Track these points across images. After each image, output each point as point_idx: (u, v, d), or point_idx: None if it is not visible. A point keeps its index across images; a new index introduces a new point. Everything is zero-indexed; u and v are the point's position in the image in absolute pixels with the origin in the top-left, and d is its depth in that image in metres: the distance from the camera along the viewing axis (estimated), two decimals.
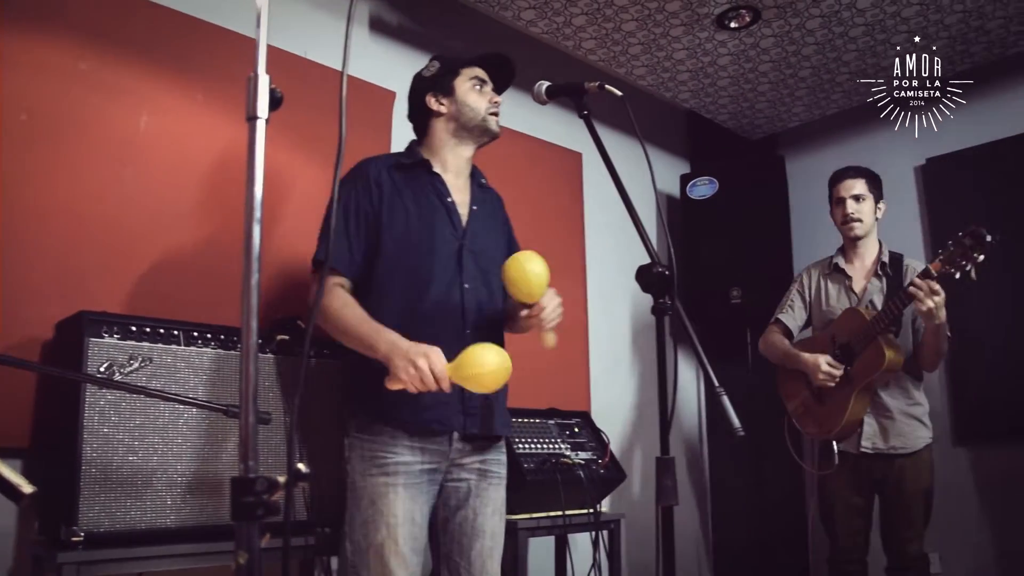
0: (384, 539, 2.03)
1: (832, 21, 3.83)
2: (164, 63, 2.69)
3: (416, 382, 1.91)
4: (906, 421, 3.15)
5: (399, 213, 2.22)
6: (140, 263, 2.54)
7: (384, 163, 2.30)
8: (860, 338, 3.11)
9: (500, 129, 2.36)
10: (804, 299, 3.49)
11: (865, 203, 3.31)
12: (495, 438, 2.29)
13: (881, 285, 3.27)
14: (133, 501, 2.04)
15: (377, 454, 2.09)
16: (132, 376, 2.08)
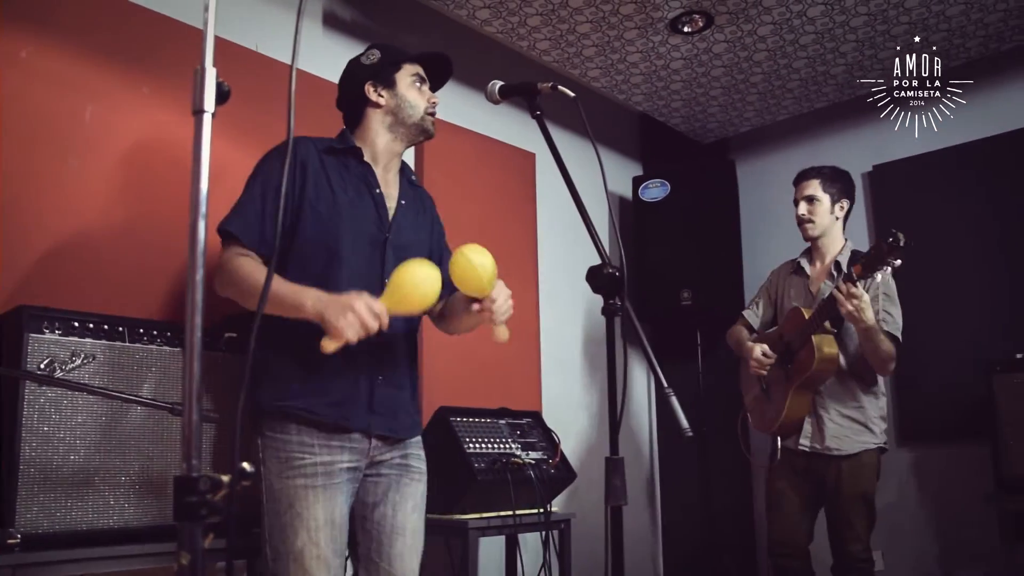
0: (305, 544, 1.96)
1: (783, 28, 3.89)
2: (110, 53, 2.63)
3: (356, 326, 1.84)
4: (845, 423, 3.18)
5: (324, 197, 2.14)
6: (84, 257, 2.48)
7: (315, 144, 2.22)
8: (799, 337, 3.16)
9: (434, 128, 2.33)
10: (769, 297, 3.56)
11: (819, 204, 3.34)
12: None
13: (834, 285, 3.29)
14: (74, 501, 1.99)
15: (293, 455, 2.02)
16: (74, 373, 2.03)
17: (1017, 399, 3.38)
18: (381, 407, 2.12)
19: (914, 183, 4.36)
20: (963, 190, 4.18)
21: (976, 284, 4.01)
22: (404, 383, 2.22)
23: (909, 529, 4.17)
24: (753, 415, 3.46)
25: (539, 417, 3.40)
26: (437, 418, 3.00)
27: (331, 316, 1.86)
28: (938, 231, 4.15)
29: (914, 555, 4.15)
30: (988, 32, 3.95)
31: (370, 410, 2.10)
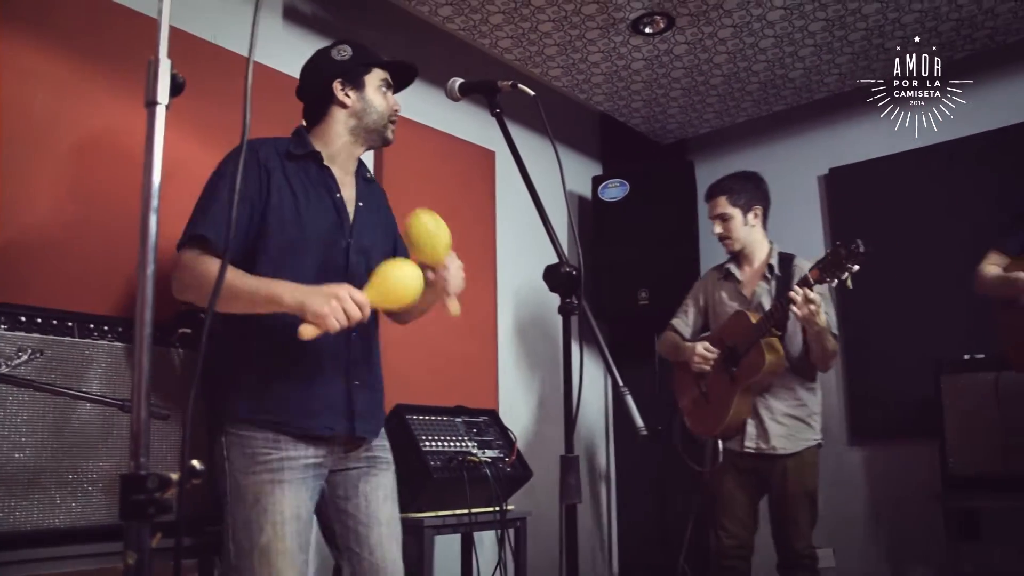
0: (270, 539, 1.94)
1: (743, 32, 3.93)
2: (62, 41, 2.57)
3: (339, 314, 1.84)
4: (789, 423, 3.22)
5: (287, 203, 2.10)
6: (31, 250, 2.42)
7: (275, 147, 2.17)
8: (744, 340, 3.19)
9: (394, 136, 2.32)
10: (698, 305, 3.58)
11: (731, 221, 3.39)
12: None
13: (769, 287, 3.35)
14: (19, 500, 1.95)
15: (259, 450, 2.00)
16: (20, 369, 1.99)
17: (963, 399, 3.45)
18: (361, 410, 2.13)
19: (870, 186, 4.44)
20: (918, 194, 4.26)
21: (929, 286, 4.09)
22: (377, 384, 2.25)
23: (859, 526, 4.25)
24: (692, 418, 3.46)
25: (495, 415, 3.40)
26: (393, 416, 2.99)
27: (314, 304, 1.85)
28: (893, 234, 4.22)
29: (863, 552, 4.22)
30: (942, 41, 4.03)
31: (351, 414, 2.11)
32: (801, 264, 3.38)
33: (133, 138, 2.60)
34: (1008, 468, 3.26)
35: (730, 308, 3.40)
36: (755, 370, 3.15)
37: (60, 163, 2.53)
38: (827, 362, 3.20)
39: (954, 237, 4.02)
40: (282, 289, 1.90)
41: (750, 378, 3.18)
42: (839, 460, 4.35)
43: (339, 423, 2.09)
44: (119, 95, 2.65)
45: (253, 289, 1.92)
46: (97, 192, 2.59)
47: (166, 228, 2.00)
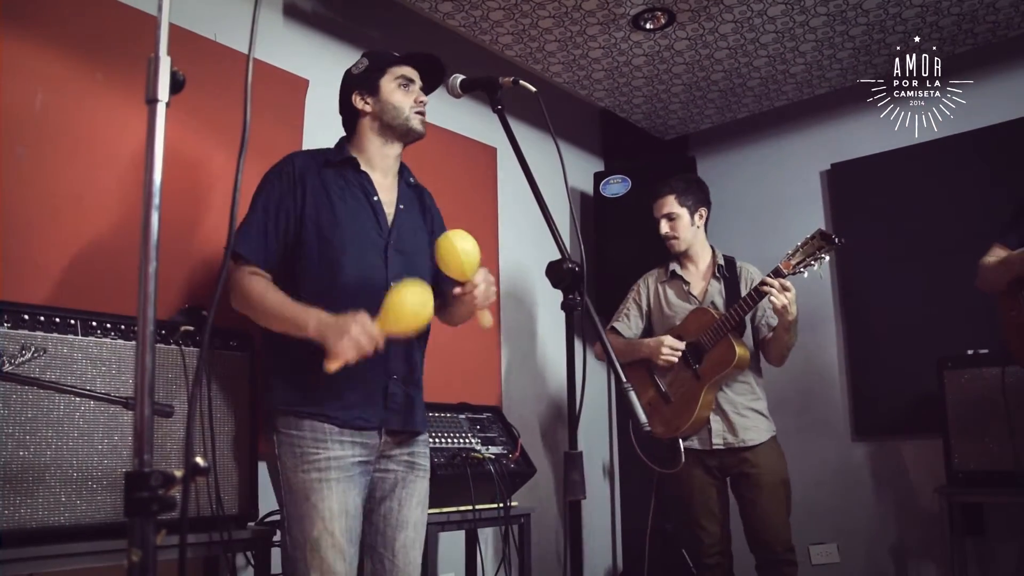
0: (321, 533, 2.06)
1: (744, 27, 3.93)
2: (62, 39, 2.57)
3: (355, 348, 1.93)
4: (751, 415, 3.26)
5: (324, 211, 2.22)
6: (34, 248, 2.42)
7: (312, 159, 2.31)
8: (710, 336, 3.19)
9: (426, 129, 2.37)
10: (640, 307, 3.58)
11: (678, 220, 3.42)
12: (417, 432, 2.33)
13: (720, 286, 3.40)
14: (23, 498, 1.95)
15: (308, 450, 2.11)
16: (24, 367, 1.99)
17: (966, 394, 3.45)
18: (395, 404, 2.22)
19: (872, 182, 4.44)
20: (921, 189, 4.25)
21: (932, 281, 4.08)
22: (418, 379, 2.34)
23: (863, 522, 4.25)
24: (650, 420, 3.34)
25: (499, 412, 3.40)
26: None
27: (329, 339, 1.96)
28: (895, 229, 4.22)
29: (868, 547, 4.22)
30: (943, 35, 4.03)
31: (385, 408, 2.20)
32: (746, 266, 3.46)
33: (134, 136, 2.62)
34: (1016, 463, 3.25)
35: (679, 307, 3.42)
36: (724, 365, 3.17)
37: (61, 161, 2.53)
38: (786, 356, 3.26)
39: (957, 232, 4.02)
40: (309, 319, 2.03)
41: (718, 372, 3.19)
42: (843, 456, 4.35)
43: (375, 415, 2.18)
44: (120, 93, 2.65)
45: (289, 316, 2.08)
46: (98, 190, 2.59)
47: (167, 225, 2.01)
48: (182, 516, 1.13)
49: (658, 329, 3.49)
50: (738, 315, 3.13)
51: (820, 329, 4.48)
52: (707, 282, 3.43)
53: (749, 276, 3.42)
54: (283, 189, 2.22)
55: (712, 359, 3.21)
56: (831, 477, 4.35)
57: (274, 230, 2.19)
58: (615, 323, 3.59)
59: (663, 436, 3.31)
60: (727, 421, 3.25)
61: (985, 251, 3.09)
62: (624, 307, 3.62)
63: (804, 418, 4.44)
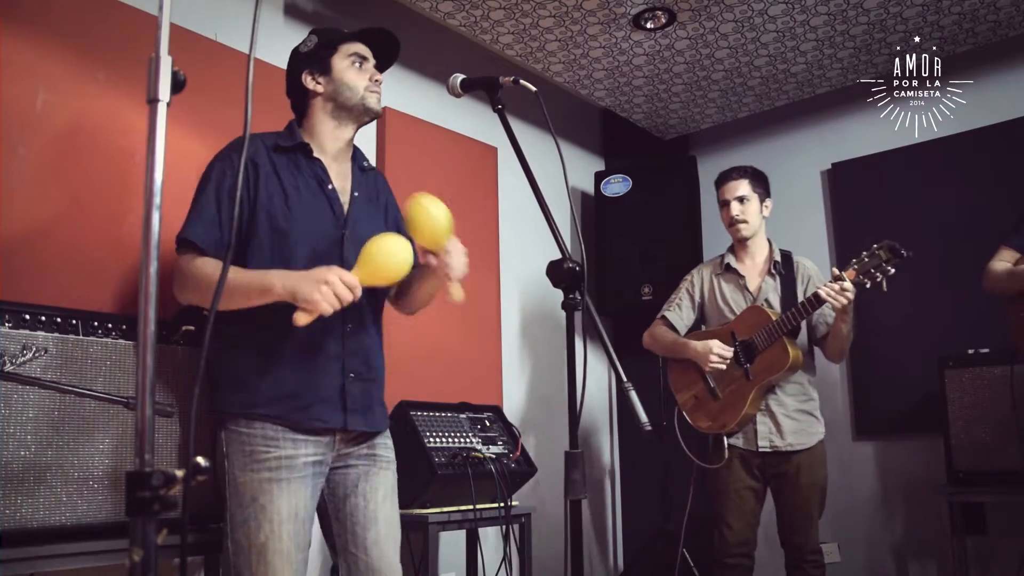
0: (267, 537, 1.94)
1: (744, 26, 3.92)
2: (62, 39, 2.57)
3: (331, 298, 1.85)
4: (802, 418, 3.21)
5: (276, 198, 2.10)
6: (35, 248, 2.43)
7: (263, 142, 2.17)
8: (764, 337, 3.14)
9: (382, 107, 2.27)
10: (692, 299, 3.51)
11: (749, 204, 3.36)
12: (377, 431, 2.23)
13: (775, 284, 3.33)
14: (24, 498, 1.95)
15: (258, 448, 2.00)
16: (25, 367, 1.99)
17: (967, 393, 3.45)
18: (355, 403, 2.11)
19: (873, 181, 4.43)
20: (922, 188, 4.25)
21: (933, 281, 4.08)
22: (375, 376, 2.21)
23: (864, 521, 4.25)
24: (695, 415, 3.36)
25: (500, 411, 3.40)
26: (398, 412, 2.99)
27: (304, 290, 1.86)
28: (896, 229, 4.21)
29: (869, 547, 4.22)
30: (943, 35, 4.02)
31: (343, 408, 2.09)
32: (802, 261, 3.38)
33: (135, 135, 2.62)
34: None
35: (733, 302, 3.37)
36: (778, 367, 3.12)
37: (62, 161, 2.53)
38: (846, 353, 3.21)
39: (958, 232, 4.02)
40: (273, 278, 1.92)
41: (770, 374, 3.14)
42: (844, 454, 4.35)
43: (332, 416, 2.07)
44: (120, 93, 2.65)
45: (247, 282, 1.94)
46: (99, 190, 2.59)
47: (169, 225, 2.01)
48: (183, 515, 1.13)
49: (711, 322, 3.45)
50: (795, 320, 3.07)
51: None
52: (762, 278, 3.35)
53: (806, 273, 3.33)
54: (233, 172, 2.07)
55: (765, 360, 3.15)
56: (832, 476, 4.33)
57: (227, 216, 2.03)
58: (666, 312, 3.51)
59: (708, 431, 3.31)
60: (775, 423, 3.19)
61: (986, 251, 3.09)
62: (676, 296, 3.54)
63: None
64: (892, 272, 2.89)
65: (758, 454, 3.21)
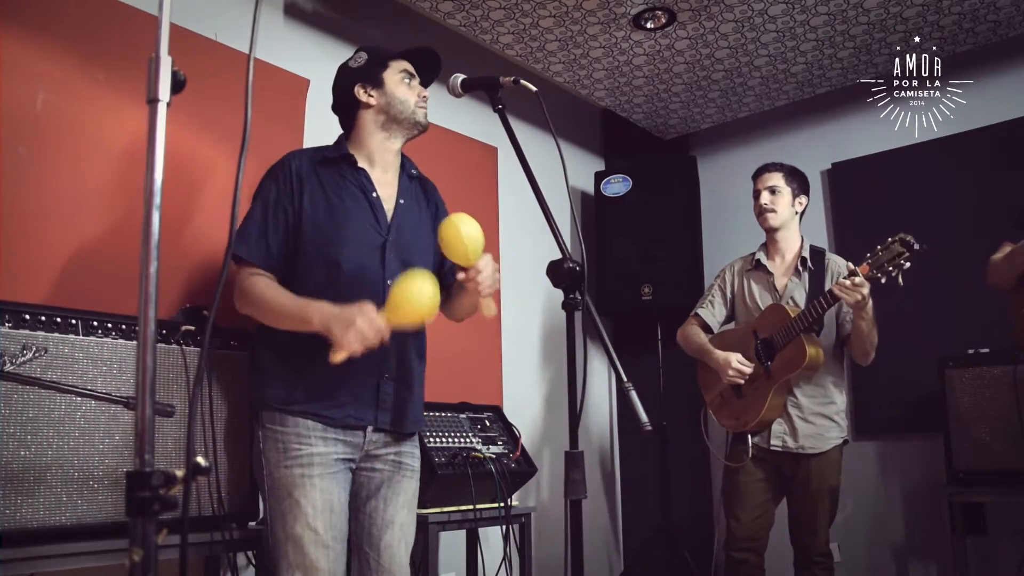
0: (304, 530, 2.04)
1: (745, 26, 3.92)
2: (63, 39, 2.57)
3: (361, 340, 1.91)
4: (819, 421, 3.19)
5: (320, 207, 2.21)
6: (35, 248, 2.42)
7: (308, 157, 2.29)
8: (783, 335, 3.14)
9: (426, 119, 2.37)
10: (724, 295, 3.50)
11: (781, 196, 3.36)
12: (408, 433, 2.31)
13: (802, 282, 3.31)
14: (24, 498, 1.95)
15: (291, 445, 2.10)
16: (25, 367, 1.99)
17: (968, 393, 3.45)
18: (386, 402, 2.21)
19: (873, 181, 4.43)
20: (922, 188, 4.25)
21: (933, 280, 4.08)
22: (411, 379, 2.30)
23: (864, 521, 4.25)
24: (720, 413, 3.38)
25: (500, 411, 3.40)
26: None
27: (335, 331, 1.94)
28: (895, 229, 4.19)
29: (869, 547, 4.22)
30: (943, 35, 4.02)
31: (376, 407, 2.19)
32: (834, 258, 3.36)
33: (135, 136, 2.62)
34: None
35: (761, 300, 3.36)
36: (795, 365, 3.10)
37: (62, 161, 2.53)
38: (871, 353, 3.14)
39: (958, 232, 4.02)
40: (312, 312, 2.01)
41: (788, 372, 3.13)
42: (845, 454, 4.34)
43: (364, 413, 2.17)
44: (120, 93, 2.65)
45: (288, 311, 2.07)
46: (99, 190, 2.59)
47: (168, 225, 2.02)
48: (183, 515, 1.13)
49: (740, 318, 3.45)
50: (810, 317, 3.06)
51: None
52: (789, 277, 3.35)
53: (836, 270, 3.30)
54: (280, 189, 2.20)
55: (784, 358, 3.15)
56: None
57: (274, 231, 2.18)
58: (699, 309, 3.52)
59: (732, 429, 3.32)
60: (790, 424, 3.19)
61: (986, 250, 3.09)
62: (709, 294, 3.55)
63: None
64: (907, 266, 2.86)
65: (771, 452, 3.21)
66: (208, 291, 2.71)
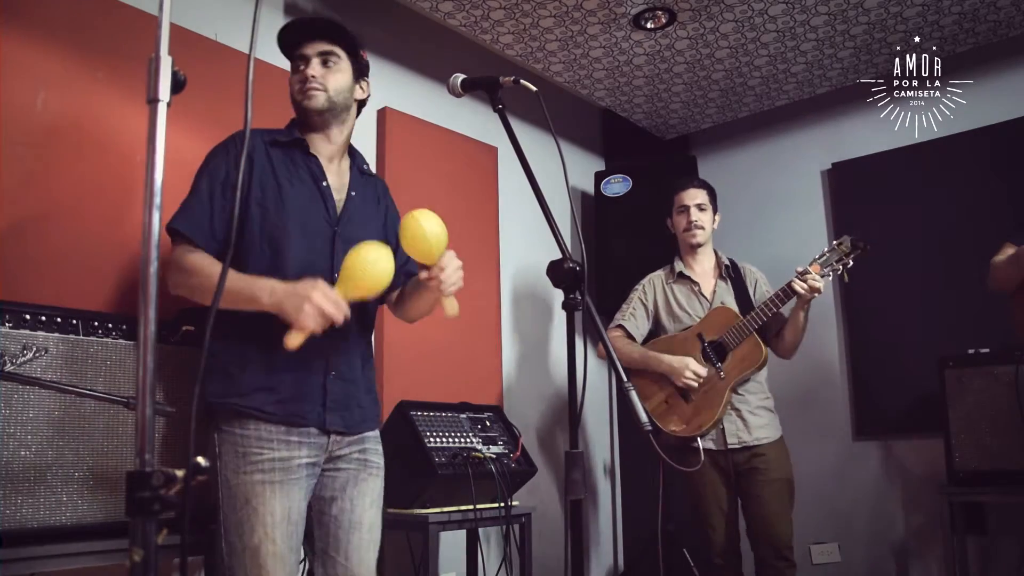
0: (261, 540, 1.93)
1: (745, 26, 3.92)
2: (62, 38, 2.57)
3: (318, 316, 1.84)
4: (764, 414, 3.31)
5: (270, 192, 2.10)
6: (36, 247, 2.43)
7: (261, 137, 2.18)
8: (734, 335, 3.23)
9: (316, 101, 2.18)
10: (646, 308, 3.56)
11: (706, 212, 3.49)
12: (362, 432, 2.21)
13: (728, 287, 3.45)
14: (25, 498, 1.95)
15: (251, 450, 1.98)
16: (25, 367, 1.99)
17: (967, 393, 3.44)
18: (335, 402, 2.10)
19: (873, 181, 4.43)
20: (922, 188, 4.25)
21: (932, 280, 4.08)
22: (357, 377, 2.19)
23: (864, 521, 4.25)
24: (664, 420, 3.33)
25: (500, 411, 3.40)
26: (398, 412, 2.99)
27: (290, 307, 1.85)
28: (895, 228, 4.22)
29: (869, 547, 4.22)
30: (944, 35, 4.02)
31: (324, 405, 2.08)
32: (749, 267, 3.53)
33: (135, 136, 2.62)
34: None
35: (689, 307, 3.44)
36: (750, 362, 3.22)
37: (62, 161, 2.53)
38: (798, 348, 3.33)
39: (958, 231, 4.02)
40: (261, 291, 1.91)
41: (744, 371, 3.23)
42: (845, 455, 4.35)
43: (311, 413, 2.06)
44: (120, 93, 2.65)
45: (236, 289, 1.92)
46: (99, 190, 2.59)
47: None
48: (183, 515, 1.12)
49: (666, 329, 3.48)
50: (766, 314, 3.18)
51: (821, 329, 4.47)
52: (715, 282, 3.47)
53: (754, 276, 3.49)
54: (230, 165, 2.08)
55: (738, 358, 3.23)
56: (832, 476, 4.35)
57: (220, 210, 2.04)
58: (623, 322, 3.54)
59: (682, 434, 3.30)
60: (742, 420, 3.26)
61: (986, 250, 3.09)
62: (629, 306, 3.59)
63: (805, 418, 4.43)
64: (851, 264, 3.14)
65: (727, 452, 3.25)
66: None
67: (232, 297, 1.91)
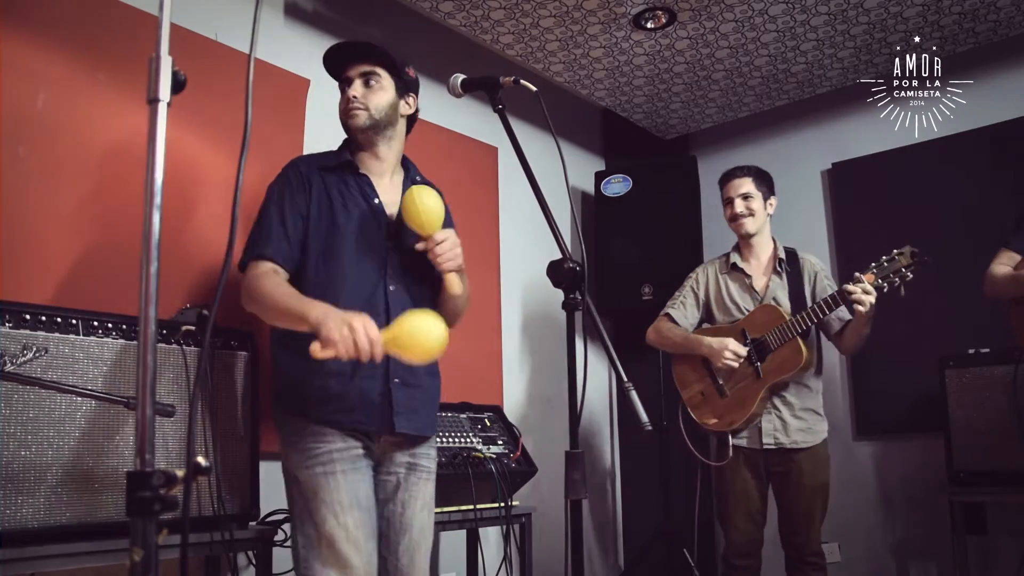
0: (333, 528, 2.04)
1: (745, 26, 3.92)
2: (63, 38, 2.57)
3: (349, 344, 1.86)
4: (807, 416, 3.21)
5: (324, 212, 2.23)
6: (36, 248, 2.42)
7: (312, 163, 2.32)
8: (776, 336, 3.15)
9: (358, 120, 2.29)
10: (697, 297, 3.50)
11: (753, 201, 3.38)
12: (421, 437, 2.31)
13: (782, 282, 3.33)
14: (24, 498, 1.95)
15: (310, 446, 2.10)
16: (26, 367, 1.99)
17: (968, 393, 3.44)
18: (400, 406, 2.19)
19: (873, 181, 4.43)
20: (922, 188, 4.25)
21: (933, 281, 4.07)
22: (422, 382, 2.28)
23: (865, 521, 4.25)
24: (700, 411, 3.35)
25: (500, 411, 3.40)
26: None
27: (328, 326, 1.89)
28: (896, 228, 4.21)
29: (869, 547, 4.22)
30: (944, 34, 4.02)
31: (388, 411, 2.17)
32: (808, 257, 3.39)
33: (135, 136, 2.62)
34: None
35: (740, 301, 3.37)
36: (791, 366, 3.13)
37: (62, 161, 2.53)
38: (862, 346, 3.21)
39: (958, 231, 4.01)
40: (311, 309, 1.97)
41: (782, 374, 3.15)
42: (845, 454, 4.35)
43: (375, 419, 2.16)
44: (121, 93, 2.65)
45: (288, 309, 2.04)
46: (99, 190, 2.59)
47: (169, 225, 2.02)
48: (183, 515, 1.13)
49: (716, 321, 3.43)
50: (811, 320, 3.08)
51: None
52: (768, 277, 3.37)
53: (812, 269, 3.35)
54: (294, 191, 2.23)
55: (777, 360, 3.15)
56: (833, 476, 4.33)
57: (293, 227, 2.20)
58: (670, 309, 3.50)
59: (714, 429, 3.29)
60: (781, 421, 3.20)
61: (986, 251, 3.08)
62: (680, 294, 3.54)
63: None
64: (910, 278, 2.95)
65: (762, 452, 3.21)
66: (208, 291, 2.71)
67: (285, 316, 2.06)
